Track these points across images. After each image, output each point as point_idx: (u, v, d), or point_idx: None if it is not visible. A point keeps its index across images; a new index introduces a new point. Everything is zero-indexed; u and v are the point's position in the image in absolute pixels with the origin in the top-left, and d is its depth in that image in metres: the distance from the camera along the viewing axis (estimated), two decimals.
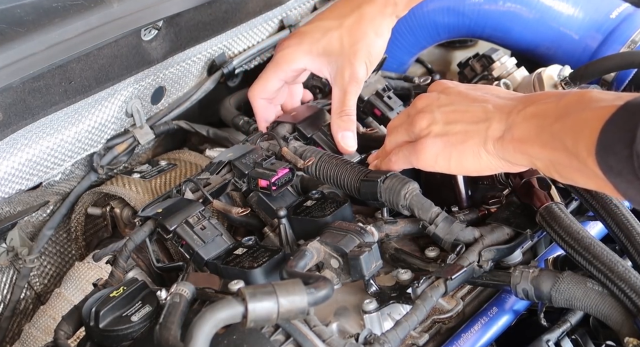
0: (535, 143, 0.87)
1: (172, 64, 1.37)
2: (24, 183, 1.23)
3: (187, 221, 1.02)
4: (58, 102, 1.17)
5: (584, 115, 0.80)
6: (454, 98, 0.97)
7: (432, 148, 0.96)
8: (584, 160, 0.79)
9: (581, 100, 0.83)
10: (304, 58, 1.19)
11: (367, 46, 1.17)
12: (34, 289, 1.40)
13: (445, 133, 0.95)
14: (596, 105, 0.81)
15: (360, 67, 1.17)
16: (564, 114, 0.83)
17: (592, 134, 0.78)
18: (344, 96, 1.17)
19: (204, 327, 0.73)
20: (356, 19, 1.18)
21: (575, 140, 0.81)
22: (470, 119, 0.93)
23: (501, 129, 0.90)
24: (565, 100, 0.85)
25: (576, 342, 1.04)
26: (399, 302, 0.98)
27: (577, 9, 1.49)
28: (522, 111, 0.89)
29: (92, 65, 1.20)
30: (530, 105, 0.89)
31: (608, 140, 0.76)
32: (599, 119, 0.78)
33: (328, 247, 0.97)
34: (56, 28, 1.11)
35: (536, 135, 0.86)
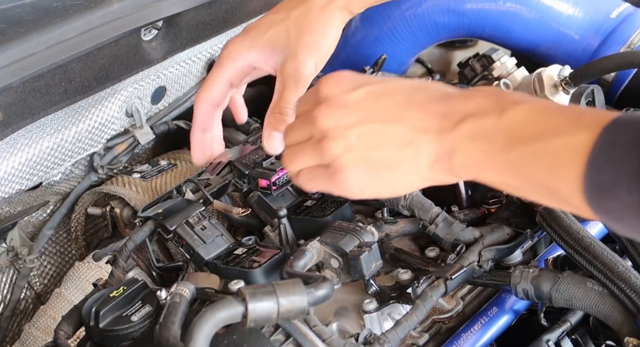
0: (486, 170, 0.74)
1: (172, 64, 1.37)
2: (24, 183, 1.23)
3: (188, 221, 1.02)
4: (58, 102, 1.17)
5: (551, 147, 0.68)
6: (361, 116, 0.79)
7: (356, 179, 0.80)
8: (566, 197, 0.68)
9: (529, 120, 0.71)
10: (247, 53, 1.08)
11: (315, 39, 1.06)
12: (34, 289, 1.40)
13: (367, 160, 0.79)
14: (557, 128, 0.68)
15: (307, 61, 1.06)
16: (518, 141, 0.70)
17: (574, 172, 0.66)
18: (282, 91, 1.05)
19: (204, 327, 0.73)
20: (304, 10, 1.08)
21: (549, 176, 0.69)
22: (393, 144, 0.77)
23: (434, 153, 0.76)
24: (508, 119, 0.71)
25: (576, 342, 1.04)
26: (399, 302, 0.98)
27: (577, 9, 1.49)
28: (456, 130, 0.74)
29: (92, 65, 1.20)
30: (463, 122, 0.74)
31: (603, 183, 0.64)
32: (577, 152, 0.66)
33: (328, 247, 0.97)
34: (56, 28, 1.11)
35: (485, 161, 0.73)
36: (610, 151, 0.64)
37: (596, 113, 0.68)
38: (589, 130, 0.66)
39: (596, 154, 0.64)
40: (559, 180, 0.68)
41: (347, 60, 1.65)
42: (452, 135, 0.74)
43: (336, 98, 0.81)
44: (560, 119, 0.69)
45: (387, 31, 1.58)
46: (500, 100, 0.73)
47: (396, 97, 0.79)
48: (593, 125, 0.66)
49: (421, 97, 0.78)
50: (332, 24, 1.07)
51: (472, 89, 0.78)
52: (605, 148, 0.64)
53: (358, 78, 0.83)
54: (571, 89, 1.30)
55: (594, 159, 0.65)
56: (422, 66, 1.77)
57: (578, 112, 0.70)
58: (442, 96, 0.77)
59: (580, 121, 0.67)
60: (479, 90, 0.77)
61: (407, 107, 0.78)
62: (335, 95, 0.81)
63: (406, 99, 0.79)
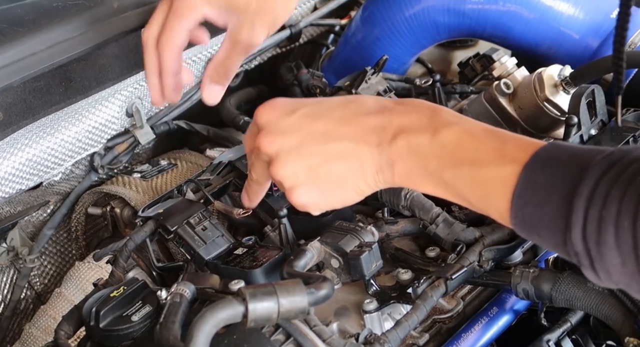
0: (425, 184, 0.78)
1: None
2: (25, 183, 1.23)
3: (189, 222, 1.02)
4: (58, 101, 1.17)
5: (481, 175, 0.73)
6: (300, 138, 0.83)
7: (308, 197, 0.84)
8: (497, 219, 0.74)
9: (459, 144, 0.75)
10: (204, 6, 1.05)
11: (274, 13, 1.04)
12: (34, 289, 1.40)
13: (313, 180, 0.83)
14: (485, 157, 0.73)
15: (262, 33, 1.04)
16: (451, 163, 0.75)
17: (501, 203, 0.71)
18: (230, 53, 1.05)
19: (205, 327, 0.73)
20: None
21: (480, 201, 0.74)
22: (336, 159, 0.81)
23: (377, 163, 0.80)
24: (440, 140, 0.76)
25: (577, 342, 1.04)
26: (400, 302, 0.98)
27: (578, 9, 1.49)
28: (393, 144, 0.78)
29: (93, 65, 1.20)
30: (398, 137, 0.78)
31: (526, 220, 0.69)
32: (503, 185, 0.70)
33: (328, 247, 0.97)
34: (56, 28, 1.11)
35: (422, 177, 0.78)
36: (532, 191, 0.69)
37: (520, 143, 0.73)
38: (513, 164, 0.71)
39: (519, 192, 0.69)
40: (489, 206, 0.73)
41: (347, 60, 1.65)
42: (390, 149, 0.79)
43: (274, 125, 0.85)
44: (488, 148, 0.74)
45: (388, 31, 1.58)
46: (432, 119, 0.78)
47: (332, 116, 0.83)
48: (516, 160, 0.71)
49: (355, 111, 0.82)
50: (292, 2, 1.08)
51: (407, 102, 0.82)
52: (527, 187, 0.69)
53: (292, 103, 0.87)
54: (571, 89, 1.30)
55: (517, 197, 0.69)
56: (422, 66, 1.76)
57: (503, 139, 0.75)
58: (377, 109, 0.81)
59: (506, 152, 0.72)
60: (414, 105, 0.81)
61: (343, 123, 0.82)
62: (272, 122, 0.85)
63: (341, 116, 0.82)
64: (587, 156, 0.68)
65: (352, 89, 1.34)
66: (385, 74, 1.45)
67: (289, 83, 1.58)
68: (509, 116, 1.36)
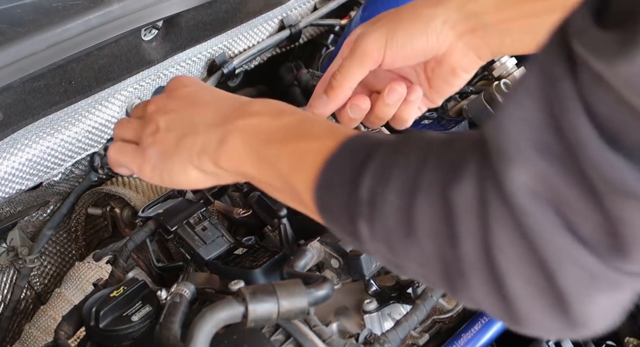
0: (246, 162, 0.79)
1: (172, 64, 1.37)
2: (24, 183, 1.23)
3: (188, 222, 1.02)
4: (58, 102, 1.17)
5: (301, 147, 0.74)
6: (179, 104, 0.85)
7: (150, 161, 0.84)
8: (300, 193, 0.74)
9: (295, 125, 0.77)
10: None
11: None
12: (34, 289, 1.40)
13: (162, 143, 0.84)
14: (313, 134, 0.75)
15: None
16: (279, 139, 0.77)
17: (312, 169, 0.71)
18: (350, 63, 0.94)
19: (205, 327, 0.73)
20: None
21: (292, 170, 0.75)
22: (182, 130, 0.83)
23: (206, 142, 0.81)
24: (279, 122, 0.78)
25: (576, 342, 1.04)
26: (399, 302, 0.98)
27: None
28: (231, 123, 0.80)
29: (93, 65, 1.20)
30: (240, 118, 0.80)
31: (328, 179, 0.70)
32: (316, 156, 0.71)
33: (328, 247, 0.97)
34: (56, 28, 1.11)
35: (245, 153, 0.79)
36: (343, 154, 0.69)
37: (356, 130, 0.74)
38: (339, 139, 0.71)
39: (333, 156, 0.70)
40: (298, 175, 0.73)
41: None
42: (227, 126, 0.80)
43: (171, 91, 0.87)
44: (321, 129, 0.76)
45: None
46: (284, 109, 0.81)
47: (216, 93, 0.87)
48: (345, 137, 0.71)
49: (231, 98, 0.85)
50: None
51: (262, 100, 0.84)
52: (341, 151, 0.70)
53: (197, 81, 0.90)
54: None
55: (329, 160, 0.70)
56: None
57: (340, 126, 0.78)
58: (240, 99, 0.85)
59: (337, 133, 0.73)
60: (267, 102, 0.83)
61: (215, 100, 0.85)
62: (172, 88, 0.87)
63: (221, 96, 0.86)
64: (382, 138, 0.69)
65: None
66: None
67: (289, 83, 1.58)
68: None
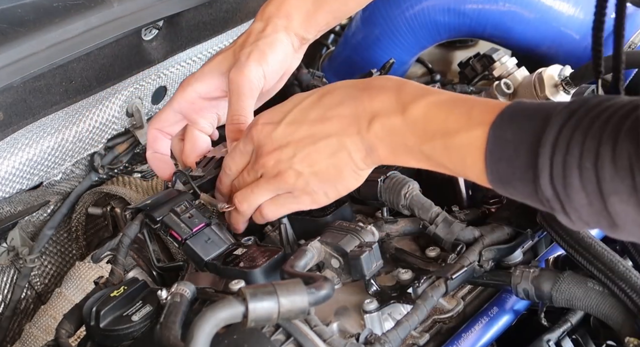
0: (409, 160, 0.85)
1: (172, 64, 1.37)
2: (25, 183, 1.23)
3: (174, 210, 1.02)
4: (59, 101, 1.17)
5: (454, 142, 0.78)
6: (294, 146, 0.92)
7: (318, 193, 0.94)
8: (477, 181, 0.79)
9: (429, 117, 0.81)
10: (195, 84, 1.10)
11: (260, 48, 1.07)
12: (34, 289, 1.40)
13: (317, 177, 0.92)
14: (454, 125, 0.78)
15: (251, 67, 1.06)
16: (427, 137, 0.81)
17: (477, 164, 0.76)
18: (231, 98, 1.06)
19: (205, 327, 0.73)
20: (245, 35, 1.10)
21: (458, 166, 0.80)
22: (328, 154, 0.90)
23: (363, 149, 0.88)
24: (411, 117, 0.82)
25: (577, 342, 1.04)
26: (400, 302, 0.98)
27: (578, 9, 1.49)
28: (371, 130, 0.86)
29: (93, 65, 1.20)
30: (373, 122, 0.86)
31: (501, 176, 0.74)
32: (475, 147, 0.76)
33: (328, 246, 0.97)
34: (57, 28, 1.11)
35: (405, 153, 0.85)
36: (501, 147, 0.74)
37: (485, 106, 0.78)
38: (481, 126, 0.76)
39: (490, 150, 0.75)
40: (467, 170, 0.79)
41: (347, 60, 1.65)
42: (369, 135, 0.86)
43: (269, 142, 0.94)
44: (456, 116, 0.79)
45: (388, 31, 1.58)
46: (399, 97, 0.84)
47: (309, 118, 0.91)
48: (484, 122, 0.76)
49: (328, 107, 0.90)
50: (277, 41, 1.09)
51: (373, 83, 0.89)
52: (497, 144, 0.74)
53: (273, 114, 0.95)
54: (572, 89, 1.31)
55: (489, 155, 0.75)
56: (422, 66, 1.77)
57: (470, 105, 0.80)
58: (347, 100, 0.89)
59: (473, 117, 0.78)
60: (380, 86, 0.89)
61: (323, 121, 0.90)
62: (266, 139, 0.94)
63: (319, 115, 0.91)
64: (549, 108, 0.73)
65: None
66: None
67: (289, 83, 1.58)
68: None
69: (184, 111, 1.13)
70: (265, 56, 1.08)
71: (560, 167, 0.69)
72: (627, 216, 0.68)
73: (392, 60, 1.37)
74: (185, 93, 1.11)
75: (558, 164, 0.70)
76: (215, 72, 1.10)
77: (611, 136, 0.67)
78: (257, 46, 1.08)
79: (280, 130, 0.93)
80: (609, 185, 0.67)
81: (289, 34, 1.11)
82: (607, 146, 0.67)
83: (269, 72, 1.08)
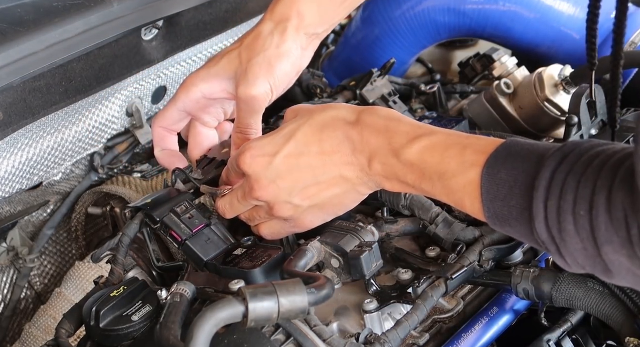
0: (413, 192, 0.89)
1: (172, 64, 1.37)
2: (25, 183, 1.23)
3: (174, 210, 1.01)
4: (59, 101, 1.17)
5: (450, 185, 0.80)
6: (291, 181, 0.92)
7: (315, 220, 0.96)
8: (477, 216, 0.81)
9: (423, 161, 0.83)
10: (201, 84, 1.10)
11: (267, 60, 1.06)
12: (34, 289, 1.40)
13: (316, 208, 0.94)
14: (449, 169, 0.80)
15: (258, 83, 1.06)
16: (424, 177, 0.83)
17: (475, 204, 0.78)
18: (239, 113, 1.08)
19: (205, 327, 0.73)
20: (254, 36, 1.08)
21: (459, 205, 0.81)
22: (330, 186, 0.91)
23: (367, 183, 0.90)
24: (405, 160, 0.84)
25: (577, 342, 1.04)
26: (400, 302, 0.97)
27: (578, 9, 1.49)
28: (372, 168, 0.88)
29: (93, 64, 1.20)
30: (372, 161, 0.87)
31: (498, 214, 0.76)
32: (472, 189, 0.77)
33: (328, 247, 0.97)
34: (57, 28, 1.11)
35: (408, 188, 0.87)
36: (497, 187, 0.75)
37: (478, 146, 0.80)
38: (475, 168, 0.78)
39: (486, 189, 0.76)
40: (467, 209, 0.81)
41: (347, 60, 1.65)
42: (372, 172, 0.88)
43: (262, 175, 0.93)
44: (449, 159, 0.81)
45: (388, 31, 1.58)
46: (391, 142, 0.86)
47: (311, 151, 0.91)
48: (477, 163, 0.78)
49: (330, 144, 0.90)
50: (286, 53, 1.07)
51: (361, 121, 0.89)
52: (492, 183, 0.76)
53: (268, 146, 0.93)
54: (572, 89, 1.30)
55: (485, 194, 0.76)
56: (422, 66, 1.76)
57: (462, 146, 0.82)
58: (344, 138, 0.90)
59: (466, 158, 0.79)
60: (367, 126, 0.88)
61: (323, 157, 0.91)
62: (259, 172, 0.93)
63: (320, 150, 0.91)
64: (542, 150, 0.74)
65: (357, 89, 1.34)
66: (391, 77, 1.44)
67: None
68: (510, 116, 1.36)
69: (188, 109, 1.13)
70: (273, 70, 1.06)
71: (554, 212, 0.70)
72: (621, 266, 0.68)
73: (393, 60, 1.37)
74: (190, 93, 1.11)
75: (552, 209, 0.71)
76: (221, 75, 1.09)
77: (605, 185, 0.68)
78: (265, 58, 1.06)
79: (277, 164, 0.92)
80: (603, 235, 0.67)
81: (299, 34, 1.09)
82: (601, 196, 0.67)
83: (276, 86, 1.08)
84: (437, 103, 1.43)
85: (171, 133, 1.16)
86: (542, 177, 0.72)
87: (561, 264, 0.74)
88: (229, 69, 1.08)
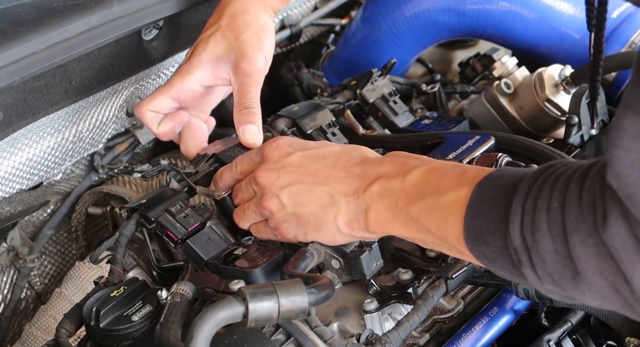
0: (395, 225, 0.87)
1: (172, 64, 1.37)
2: (25, 183, 1.23)
3: (169, 210, 1.02)
4: (59, 101, 1.17)
5: (441, 201, 0.81)
6: (293, 177, 0.94)
7: (291, 231, 0.95)
8: (454, 245, 0.81)
9: (425, 180, 0.85)
10: (196, 72, 1.12)
11: (254, 34, 1.12)
12: (34, 289, 1.40)
13: (296, 217, 0.94)
14: (446, 185, 0.82)
15: (256, 55, 1.10)
16: (417, 197, 0.84)
17: (457, 222, 0.79)
18: (242, 88, 1.10)
19: (205, 327, 0.73)
20: (230, 15, 1.13)
21: (440, 226, 0.82)
22: (317, 203, 0.92)
23: (351, 212, 0.90)
24: (409, 180, 0.86)
25: (577, 342, 1.04)
26: (400, 302, 0.98)
27: (578, 8, 1.49)
28: (367, 191, 0.89)
29: (93, 64, 1.20)
30: (374, 183, 0.89)
31: (476, 231, 0.77)
32: (459, 205, 0.79)
33: (328, 248, 0.97)
34: (57, 27, 1.11)
35: (393, 217, 0.87)
36: (481, 203, 0.77)
37: (478, 169, 0.82)
38: (469, 186, 0.79)
39: (471, 205, 0.78)
40: (446, 229, 0.81)
41: (348, 60, 1.65)
42: (364, 195, 0.89)
43: (274, 161, 0.96)
44: (450, 177, 0.83)
45: (388, 31, 1.58)
46: (404, 165, 0.89)
47: (325, 161, 0.95)
48: (472, 182, 0.79)
49: (345, 161, 0.94)
50: (264, 19, 1.14)
51: (386, 155, 0.95)
52: (478, 199, 0.77)
53: (295, 143, 0.99)
54: (572, 89, 1.30)
55: (469, 211, 0.78)
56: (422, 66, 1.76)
57: (464, 169, 0.84)
58: (361, 160, 0.93)
59: (464, 178, 0.81)
60: (391, 155, 0.94)
61: (332, 169, 0.93)
62: (274, 158, 0.97)
63: (333, 163, 0.94)
64: (530, 170, 0.77)
65: (357, 88, 1.34)
66: (392, 77, 1.44)
67: (290, 83, 1.58)
68: (510, 116, 1.36)
69: (181, 98, 1.14)
70: (262, 42, 1.12)
71: (531, 211, 0.71)
72: (589, 261, 0.67)
73: (394, 60, 1.37)
74: (186, 81, 1.12)
75: (529, 208, 0.72)
76: (213, 60, 1.12)
77: (581, 176, 0.69)
78: (252, 33, 1.12)
79: (291, 158, 0.96)
80: (572, 222, 0.68)
81: (267, 9, 1.16)
82: (575, 185, 0.69)
83: (268, 56, 1.13)
84: (437, 103, 1.43)
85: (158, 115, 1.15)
86: (525, 183, 0.74)
87: (532, 279, 0.73)
88: (218, 51, 1.11)
